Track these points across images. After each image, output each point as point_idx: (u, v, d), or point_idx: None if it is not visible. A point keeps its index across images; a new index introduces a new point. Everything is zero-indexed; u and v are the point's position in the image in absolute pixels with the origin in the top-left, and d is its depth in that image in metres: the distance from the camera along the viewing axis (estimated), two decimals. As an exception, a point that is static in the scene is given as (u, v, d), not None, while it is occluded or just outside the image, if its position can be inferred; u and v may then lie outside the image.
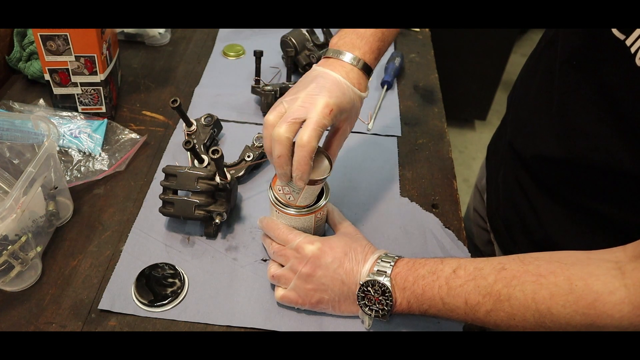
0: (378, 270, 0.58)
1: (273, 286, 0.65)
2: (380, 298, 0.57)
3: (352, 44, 0.62)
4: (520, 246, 0.72)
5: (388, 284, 0.56)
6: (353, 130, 0.90)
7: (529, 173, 0.69)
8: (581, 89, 0.57)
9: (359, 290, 0.58)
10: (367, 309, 0.58)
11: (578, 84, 0.58)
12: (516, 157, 0.71)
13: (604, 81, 0.54)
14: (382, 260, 0.59)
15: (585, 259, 0.50)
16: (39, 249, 0.65)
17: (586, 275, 0.48)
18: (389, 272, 0.57)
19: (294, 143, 0.56)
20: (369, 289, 0.57)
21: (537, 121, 0.66)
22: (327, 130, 0.60)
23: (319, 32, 1.02)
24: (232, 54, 1.05)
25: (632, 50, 0.49)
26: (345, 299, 0.60)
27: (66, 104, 0.86)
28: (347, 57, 0.61)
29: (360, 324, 0.62)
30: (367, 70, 0.62)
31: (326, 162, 0.62)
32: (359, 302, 0.58)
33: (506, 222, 0.76)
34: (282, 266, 0.63)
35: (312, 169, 0.57)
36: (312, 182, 0.59)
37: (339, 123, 0.61)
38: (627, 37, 0.50)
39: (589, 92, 0.56)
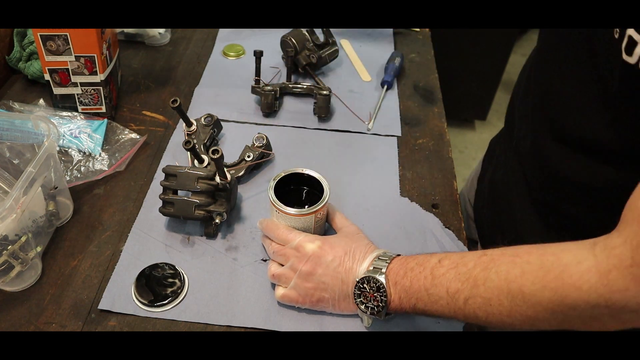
0: (374, 267, 0.58)
1: (274, 286, 0.65)
2: (375, 294, 0.57)
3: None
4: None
5: (382, 280, 0.56)
6: (353, 130, 0.90)
7: (517, 169, 0.70)
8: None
9: (355, 288, 0.58)
10: (363, 306, 0.58)
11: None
12: (513, 151, 0.72)
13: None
14: (379, 259, 0.59)
15: (572, 242, 0.49)
16: (39, 249, 0.65)
17: (559, 250, 0.47)
18: (384, 269, 0.57)
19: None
20: (365, 285, 0.57)
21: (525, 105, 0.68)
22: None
23: (319, 32, 1.02)
24: (232, 54, 1.05)
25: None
26: (345, 297, 0.60)
27: (66, 104, 0.86)
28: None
29: (360, 324, 0.62)
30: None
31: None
32: (355, 299, 0.59)
33: (489, 222, 0.78)
34: (282, 266, 0.63)
35: None
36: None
37: None
38: None
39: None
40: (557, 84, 0.61)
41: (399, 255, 0.60)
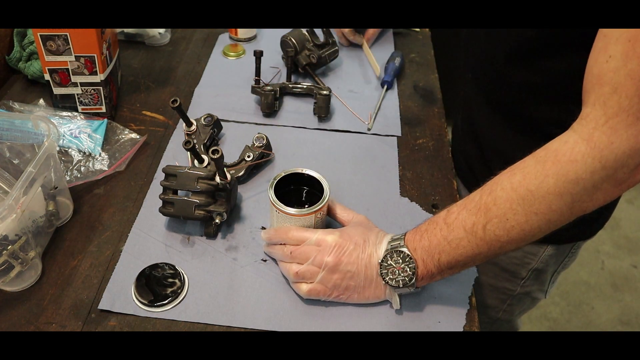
0: (392, 246, 0.61)
1: (274, 286, 0.65)
2: (402, 266, 0.59)
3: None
4: (478, 175, 0.82)
5: (405, 250, 0.59)
6: (353, 130, 0.90)
7: (480, 93, 0.78)
8: None
9: (380, 268, 0.60)
10: (393, 282, 0.60)
11: None
12: (473, 81, 0.81)
13: None
14: (393, 239, 0.62)
15: None
16: (39, 249, 0.65)
17: (547, 144, 0.54)
18: (402, 242, 0.60)
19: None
20: (390, 262, 0.60)
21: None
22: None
23: (319, 32, 1.02)
24: (232, 54, 1.06)
25: None
26: (370, 282, 0.62)
27: (66, 104, 0.86)
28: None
29: (361, 324, 0.62)
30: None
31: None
32: (383, 278, 0.60)
33: (465, 154, 0.85)
34: (301, 264, 0.63)
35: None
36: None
37: None
38: None
39: None
40: None
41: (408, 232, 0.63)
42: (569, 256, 0.87)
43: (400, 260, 0.59)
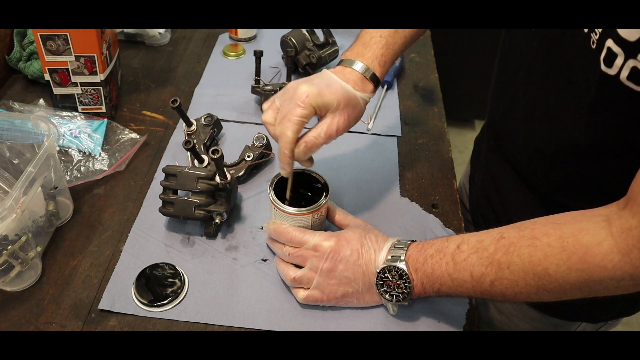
0: (393, 256, 0.59)
1: (274, 286, 0.65)
2: (398, 282, 0.58)
3: (357, 53, 0.67)
4: None
5: (404, 267, 0.58)
6: (353, 130, 0.90)
7: (504, 169, 0.72)
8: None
9: (377, 278, 0.59)
10: (387, 295, 0.59)
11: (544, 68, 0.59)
12: (494, 152, 0.74)
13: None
14: (395, 247, 0.60)
15: (579, 215, 0.51)
16: (39, 249, 0.65)
17: (577, 231, 0.49)
18: (403, 256, 0.59)
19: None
20: (387, 275, 0.59)
21: (508, 108, 0.69)
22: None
23: (319, 32, 1.02)
24: (232, 54, 1.06)
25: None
26: (368, 289, 0.61)
27: (66, 104, 0.86)
28: (354, 64, 0.65)
29: (361, 324, 0.62)
30: (372, 77, 0.65)
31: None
32: (378, 289, 0.60)
33: (485, 219, 0.78)
34: (299, 268, 0.63)
35: (304, 159, 0.63)
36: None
37: (322, 112, 0.61)
38: None
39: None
40: (530, 92, 0.63)
41: (413, 241, 0.61)
42: (610, 325, 0.78)
43: (397, 277, 0.58)
